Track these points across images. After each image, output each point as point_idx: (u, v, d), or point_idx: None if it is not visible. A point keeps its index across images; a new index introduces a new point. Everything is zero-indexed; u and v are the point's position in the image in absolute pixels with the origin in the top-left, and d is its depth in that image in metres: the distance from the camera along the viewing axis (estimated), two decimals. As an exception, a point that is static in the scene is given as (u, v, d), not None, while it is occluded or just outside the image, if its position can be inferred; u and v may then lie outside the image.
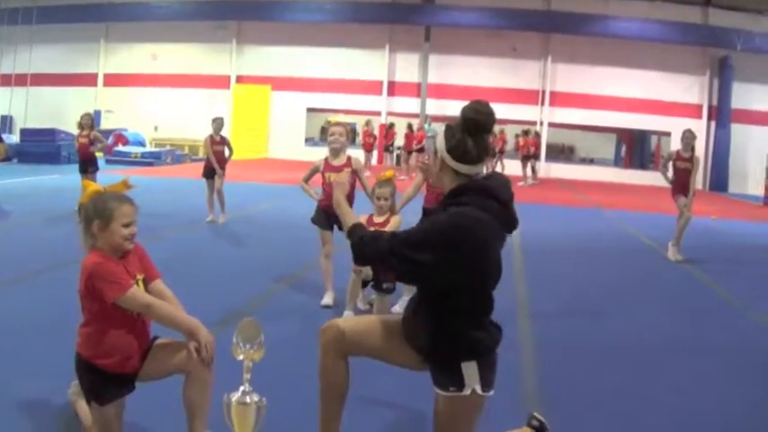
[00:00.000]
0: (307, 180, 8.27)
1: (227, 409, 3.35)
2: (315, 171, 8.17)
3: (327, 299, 7.97)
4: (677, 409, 5.59)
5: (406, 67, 36.33)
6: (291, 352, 5.99)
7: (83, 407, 4.32)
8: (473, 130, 3.57)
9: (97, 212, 3.96)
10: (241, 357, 3.46)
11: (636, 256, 13.36)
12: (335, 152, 8.03)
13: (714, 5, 33.20)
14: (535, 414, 4.23)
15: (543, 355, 6.63)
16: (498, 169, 22.54)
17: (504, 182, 3.69)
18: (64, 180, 19.69)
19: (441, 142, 3.63)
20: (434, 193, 7.83)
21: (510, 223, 3.64)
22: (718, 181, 32.91)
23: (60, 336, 6.14)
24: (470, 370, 3.51)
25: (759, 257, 14.14)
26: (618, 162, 44.34)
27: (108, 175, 14.88)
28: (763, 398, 6.02)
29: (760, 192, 27.96)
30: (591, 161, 42.96)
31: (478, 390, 3.51)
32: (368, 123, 31.34)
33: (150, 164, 27.61)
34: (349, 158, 8.07)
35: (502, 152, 29.60)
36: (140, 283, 4.06)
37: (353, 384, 3.94)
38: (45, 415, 4.71)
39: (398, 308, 7.82)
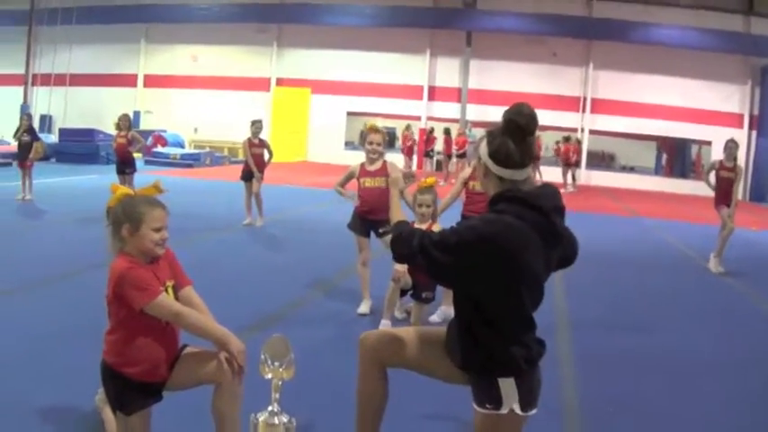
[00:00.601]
0: (342, 185, 8.09)
1: (254, 430, 3.23)
2: (350, 176, 8.02)
3: (364, 307, 7.85)
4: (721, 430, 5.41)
5: (447, 71, 36.13)
6: (327, 361, 5.88)
7: (109, 415, 4.22)
8: (515, 133, 3.40)
9: (127, 216, 3.83)
10: (269, 376, 3.33)
11: (676, 266, 13.12)
12: (372, 159, 7.90)
13: (756, 14, 32.76)
14: None
15: (583, 370, 6.45)
16: (536, 177, 22.26)
17: (549, 192, 3.50)
18: (101, 180, 19.73)
19: (483, 147, 3.49)
20: (474, 201, 7.70)
21: (555, 236, 3.44)
22: (759, 191, 32.38)
23: (88, 341, 6.05)
24: (508, 387, 3.34)
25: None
26: (658, 170, 43.90)
27: (146, 176, 14.94)
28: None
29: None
30: (631, 169, 42.49)
31: (517, 409, 3.34)
32: (408, 128, 31.26)
33: (189, 165, 27.67)
34: (385, 164, 7.91)
35: (538, 159, 29.15)
36: (170, 290, 3.93)
37: (392, 398, 3.83)
38: (70, 422, 4.62)
39: (436, 317, 7.72)
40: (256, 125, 14.20)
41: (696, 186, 34.84)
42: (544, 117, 32.32)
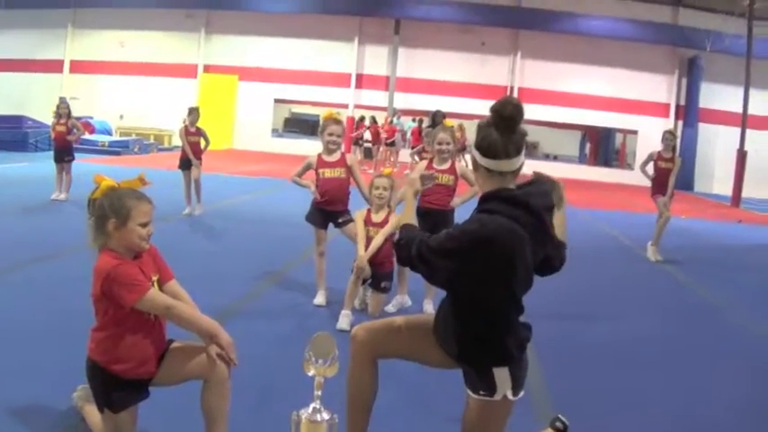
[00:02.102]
0: (299, 176, 8.03)
1: (296, 428, 3.21)
2: (307, 167, 7.96)
3: (320, 298, 7.82)
4: (675, 412, 5.58)
5: (375, 59, 36.15)
6: (291, 352, 5.84)
7: (91, 413, 4.15)
8: (499, 124, 3.42)
9: (114, 210, 3.74)
10: (312, 373, 3.32)
11: (614, 255, 13.37)
12: (331, 150, 7.87)
13: (685, 5, 33.49)
14: (560, 416, 4.24)
15: (540, 359, 6.53)
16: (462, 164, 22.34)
17: (541, 191, 3.58)
18: (34, 168, 19.33)
19: (472, 141, 3.54)
20: (432, 191, 7.72)
21: (545, 235, 3.52)
22: (685, 180, 33.07)
23: (44, 336, 5.99)
24: (502, 375, 3.44)
25: (733, 258, 14.23)
26: (582, 159, 44.58)
27: (78, 164, 14.65)
28: (755, 399, 6.05)
29: (726, 191, 28.24)
30: (554, 158, 43.04)
31: (509, 395, 3.46)
32: (362, 119, 31.20)
33: (118, 153, 27.17)
34: (343, 155, 7.91)
35: (464, 148, 28.67)
36: (155, 284, 3.87)
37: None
38: (45, 421, 4.48)
39: (392, 307, 7.74)
40: (193, 113, 13.95)
41: (620, 174, 35.83)
42: (471, 106, 32.96)
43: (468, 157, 26.62)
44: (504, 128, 3.43)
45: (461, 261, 3.34)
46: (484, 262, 3.33)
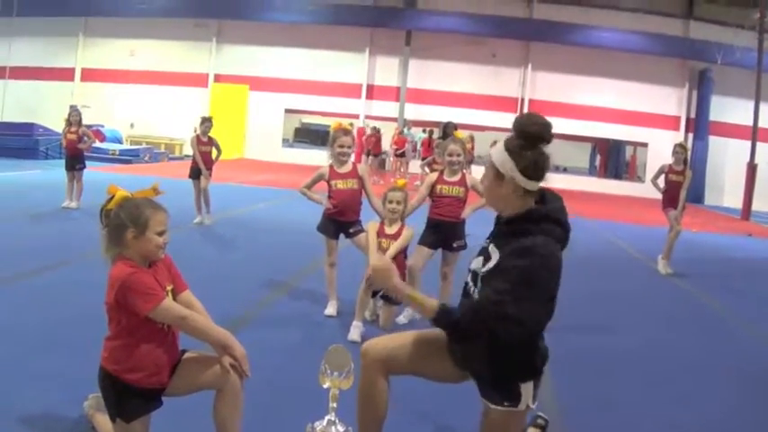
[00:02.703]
0: (309, 187, 7.99)
1: None
2: (319, 178, 7.93)
3: (331, 308, 7.81)
4: (686, 424, 5.55)
5: (386, 70, 36.20)
6: (304, 363, 5.84)
7: (102, 422, 4.15)
8: (539, 144, 3.43)
9: (132, 220, 3.75)
10: (327, 385, 3.31)
11: (625, 268, 13.36)
12: (342, 161, 7.87)
13: (696, 18, 33.51)
14: (540, 414, 4.40)
15: (552, 371, 6.51)
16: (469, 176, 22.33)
17: (562, 205, 3.58)
18: (45, 176, 19.38)
19: (507, 163, 3.42)
20: (441, 204, 7.71)
21: (565, 247, 3.53)
22: (695, 193, 33.00)
23: (64, 344, 5.99)
24: (528, 387, 3.49)
25: (743, 271, 14.21)
26: (592, 171, 44.49)
27: (88, 172, 14.68)
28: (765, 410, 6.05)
29: (736, 204, 28.19)
30: (564, 170, 42.97)
31: (531, 404, 3.52)
32: (374, 129, 31.17)
33: (128, 161, 27.26)
34: (355, 166, 7.91)
35: (472, 161, 28.20)
36: (170, 293, 3.87)
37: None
38: (56, 429, 4.47)
39: (403, 318, 7.73)
40: (206, 123, 13.99)
41: (630, 187, 35.72)
42: (482, 117, 32.97)
43: (473, 167, 26.62)
44: (543, 146, 3.45)
45: (535, 298, 3.31)
46: (555, 283, 3.39)
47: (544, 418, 4.48)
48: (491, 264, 3.44)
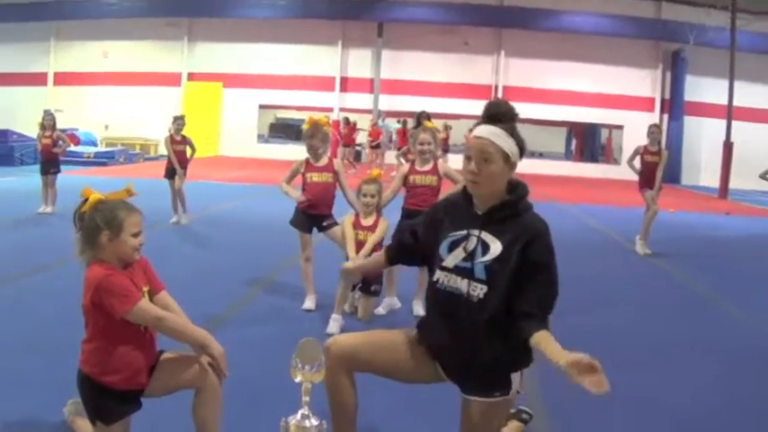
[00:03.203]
0: (288, 182, 7.97)
1: None
2: (295, 173, 7.90)
3: (309, 302, 7.82)
4: (675, 408, 5.58)
5: (359, 62, 36.30)
6: (281, 358, 5.83)
7: (83, 426, 4.15)
8: (515, 123, 3.54)
9: (106, 222, 3.73)
10: (299, 379, 3.31)
11: (603, 250, 13.43)
12: (319, 155, 7.86)
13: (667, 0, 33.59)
14: (522, 408, 4.41)
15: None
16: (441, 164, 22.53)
17: None
18: (20, 183, 19.25)
19: (513, 147, 3.47)
20: (416, 194, 7.71)
21: None
22: (671, 173, 33.17)
23: (42, 349, 5.96)
24: (516, 376, 3.52)
25: (721, 250, 14.31)
26: (568, 155, 44.68)
27: (64, 177, 14.61)
28: (754, 391, 6.07)
29: (713, 183, 28.38)
30: (540, 155, 43.04)
31: (519, 388, 3.54)
32: (374, 124, 31.14)
33: (104, 164, 27.13)
34: (331, 160, 7.90)
35: (447, 150, 28.20)
36: (146, 294, 3.86)
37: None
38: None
39: (382, 309, 7.75)
40: (178, 122, 13.94)
41: (606, 170, 35.92)
42: (456, 106, 33.04)
43: (449, 156, 26.70)
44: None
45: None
46: None
47: (528, 412, 4.49)
48: (494, 252, 3.42)
